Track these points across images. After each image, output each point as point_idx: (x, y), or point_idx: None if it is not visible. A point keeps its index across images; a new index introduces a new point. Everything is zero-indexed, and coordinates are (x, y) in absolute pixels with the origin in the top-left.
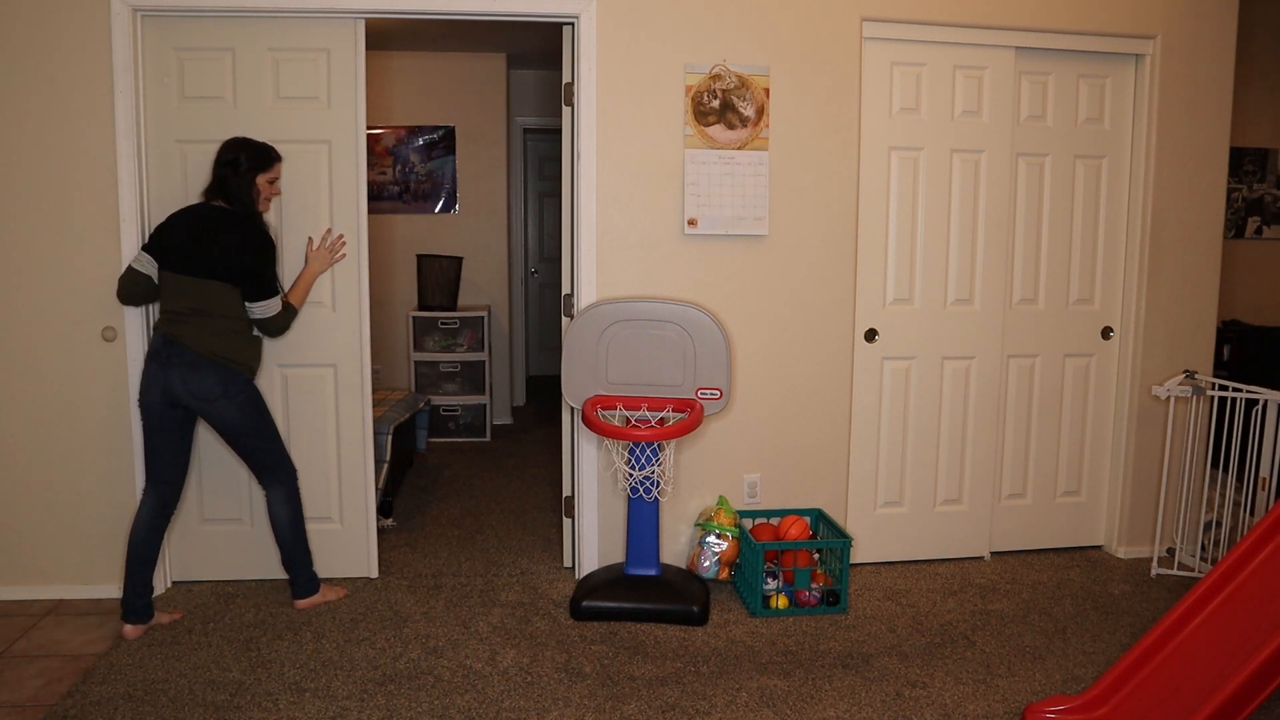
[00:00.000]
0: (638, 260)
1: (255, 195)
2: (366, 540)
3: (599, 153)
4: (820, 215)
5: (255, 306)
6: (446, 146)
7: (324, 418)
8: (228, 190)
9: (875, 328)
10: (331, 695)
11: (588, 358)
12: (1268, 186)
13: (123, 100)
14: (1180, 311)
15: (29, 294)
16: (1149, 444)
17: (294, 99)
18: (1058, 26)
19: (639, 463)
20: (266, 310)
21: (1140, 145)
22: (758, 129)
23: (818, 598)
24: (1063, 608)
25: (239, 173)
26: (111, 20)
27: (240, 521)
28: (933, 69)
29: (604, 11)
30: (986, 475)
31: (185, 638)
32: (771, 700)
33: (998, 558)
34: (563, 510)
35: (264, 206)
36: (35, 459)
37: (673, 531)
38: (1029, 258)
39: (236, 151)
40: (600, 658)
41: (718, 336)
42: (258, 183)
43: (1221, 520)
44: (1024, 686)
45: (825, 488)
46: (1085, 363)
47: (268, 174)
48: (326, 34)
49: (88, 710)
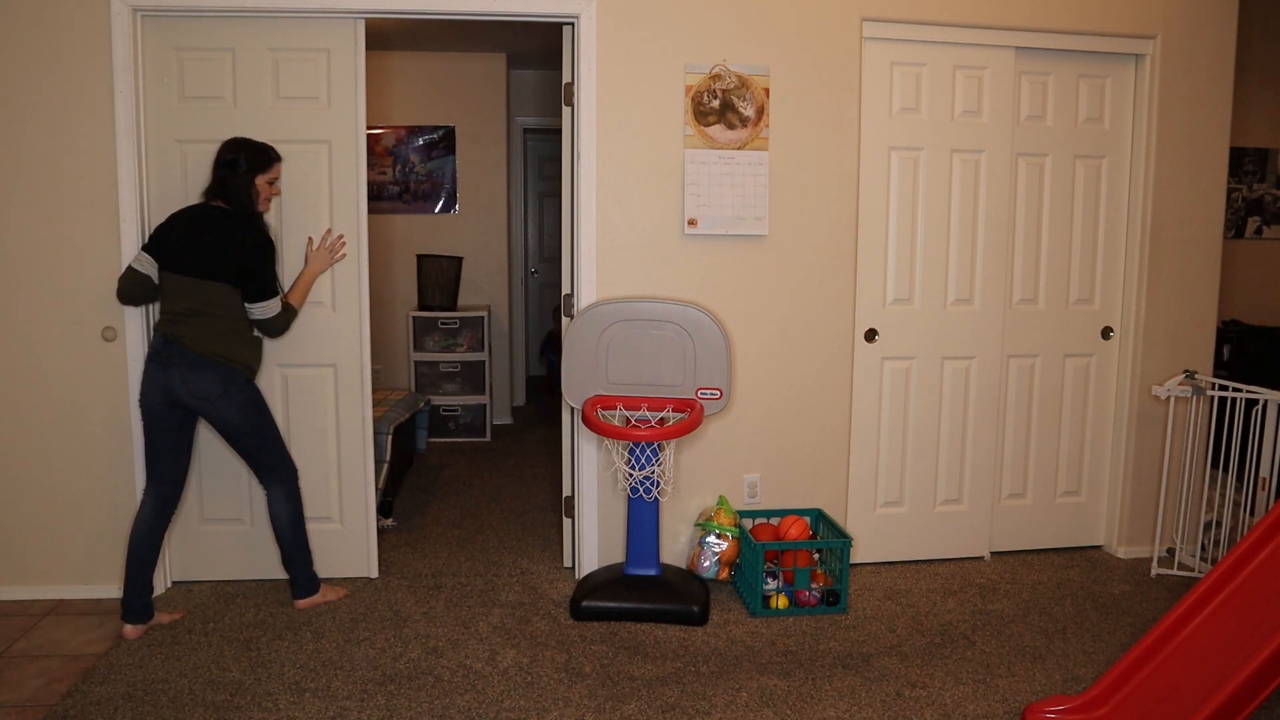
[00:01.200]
0: (638, 260)
1: (255, 196)
2: (366, 540)
3: (599, 153)
4: (820, 215)
5: (255, 307)
6: (446, 146)
7: (324, 418)
8: (227, 191)
9: (875, 328)
10: (331, 695)
11: (588, 358)
12: (1268, 186)
13: (123, 100)
14: (1180, 311)
15: (29, 294)
16: (1149, 444)
17: (294, 99)
18: (1058, 26)
19: (639, 463)
20: (266, 311)
21: (1140, 145)
22: (758, 129)
23: (818, 598)
24: (1063, 608)
25: (238, 173)
26: (111, 20)
27: (240, 521)
28: (933, 69)
29: (604, 11)
30: (986, 475)
31: (185, 638)
32: (771, 700)
33: (998, 558)
34: (563, 510)
35: (264, 207)
36: (35, 459)
37: (673, 531)
38: (1029, 258)
39: (236, 152)
40: (600, 658)
41: (718, 336)
42: (257, 183)
43: (1221, 520)
44: (1024, 686)
45: (825, 488)
46: (1085, 363)
47: (267, 174)
48: (326, 34)
49: (88, 710)
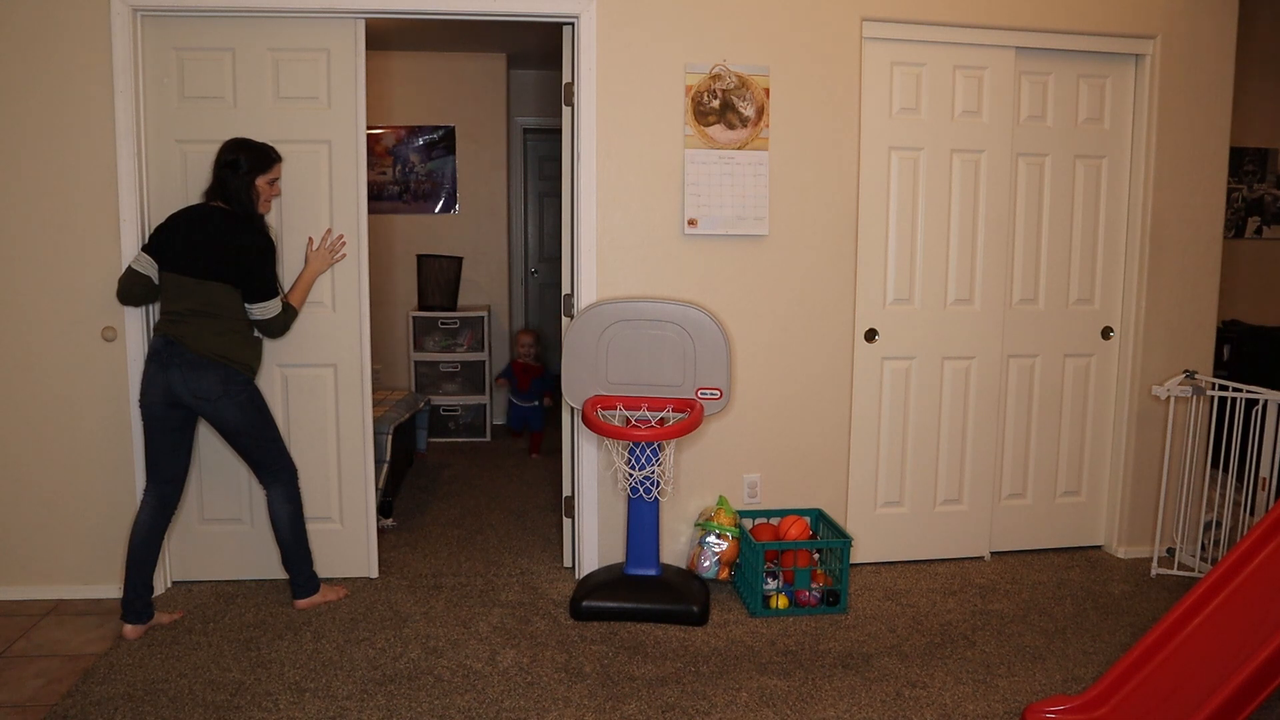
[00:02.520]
0: (638, 260)
1: (255, 196)
2: (366, 540)
3: (599, 153)
4: (820, 215)
5: (255, 308)
6: (446, 146)
7: (324, 418)
8: (227, 191)
9: (875, 328)
10: (331, 695)
11: (588, 358)
12: (1268, 186)
13: (123, 100)
14: (1180, 311)
15: (29, 294)
16: (1149, 444)
17: (294, 99)
18: (1058, 26)
19: (639, 463)
20: (266, 311)
21: (1140, 145)
22: (758, 129)
23: (818, 598)
24: (1063, 608)
25: (238, 174)
26: (111, 20)
27: (240, 521)
28: (933, 69)
29: (604, 11)
30: (986, 475)
31: (185, 638)
32: (771, 700)
33: (998, 558)
34: (563, 510)
35: (264, 208)
36: (35, 459)
37: (673, 531)
38: (1029, 258)
39: (236, 153)
40: (600, 658)
41: (718, 336)
42: (257, 184)
43: (1221, 520)
44: (1024, 686)
45: (825, 488)
46: (1085, 363)
47: (267, 175)
48: (326, 34)
49: (88, 710)
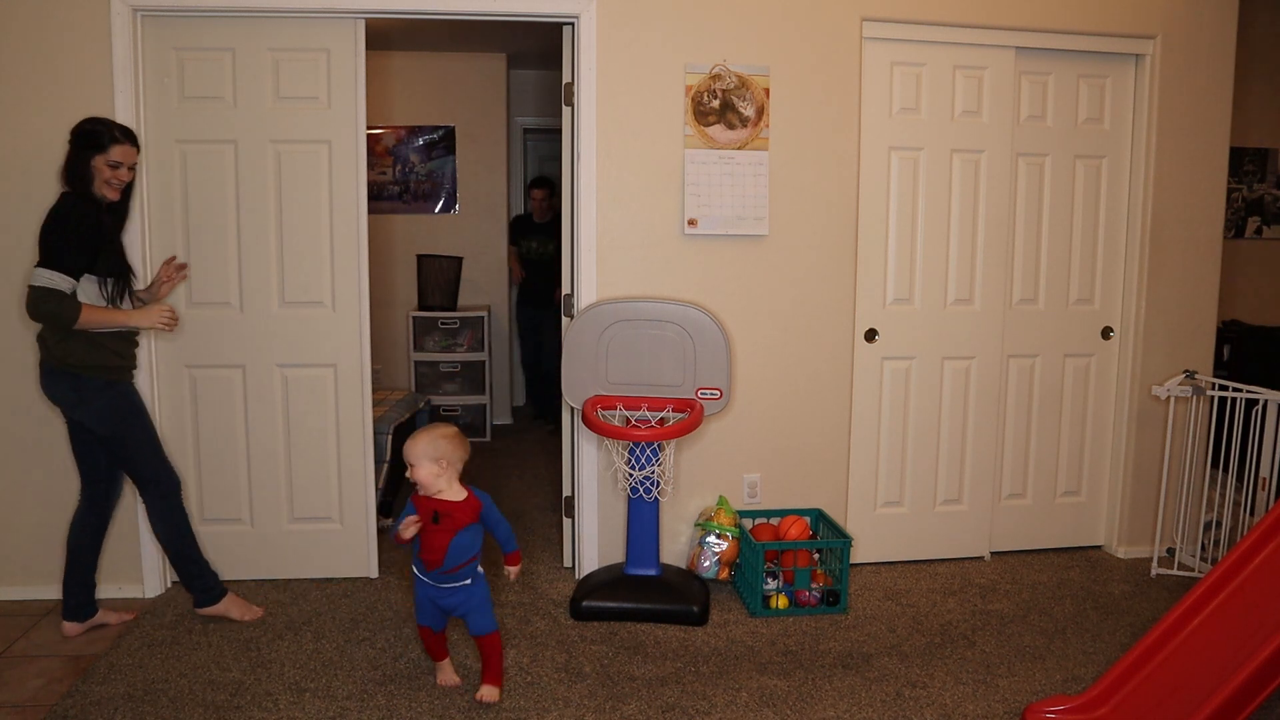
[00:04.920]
0: (638, 260)
1: (90, 176)
2: (366, 540)
3: (599, 153)
4: (820, 215)
5: (33, 273)
6: (446, 146)
7: (324, 418)
8: (65, 170)
9: (875, 328)
10: (331, 695)
11: (588, 358)
12: (1268, 186)
13: (123, 100)
14: (1180, 311)
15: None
16: (1149, 444)
17: (294, 99)
18: (1058, 26)
19: (639, 463)
20: (35, 279)
21: (1140, 145)
22: (758, 129)
23: (818, 598)
24: (1063, 608)
25: (72, 150)
26: (111, 20)
27: (240, 521)
28: (933, 69)
29: (604, 11)
30: (986, 475)
31: (185, 638)
32: (771, 700)
33: (998, 558)
34: (563, 510)
35: (105, 190)
36: (34, 459)
37: (673, 531)
38: (1029, 258)
39: (74, 131)
40: (600, 658)
41: (718, 336)
42: (94, 164)
43: (1221, 520)
44: (1024, 686)
45: (825, 488)
46: (1085, 363)
47: (105, 155)
48: (326, 34)
49: (88, 710)
